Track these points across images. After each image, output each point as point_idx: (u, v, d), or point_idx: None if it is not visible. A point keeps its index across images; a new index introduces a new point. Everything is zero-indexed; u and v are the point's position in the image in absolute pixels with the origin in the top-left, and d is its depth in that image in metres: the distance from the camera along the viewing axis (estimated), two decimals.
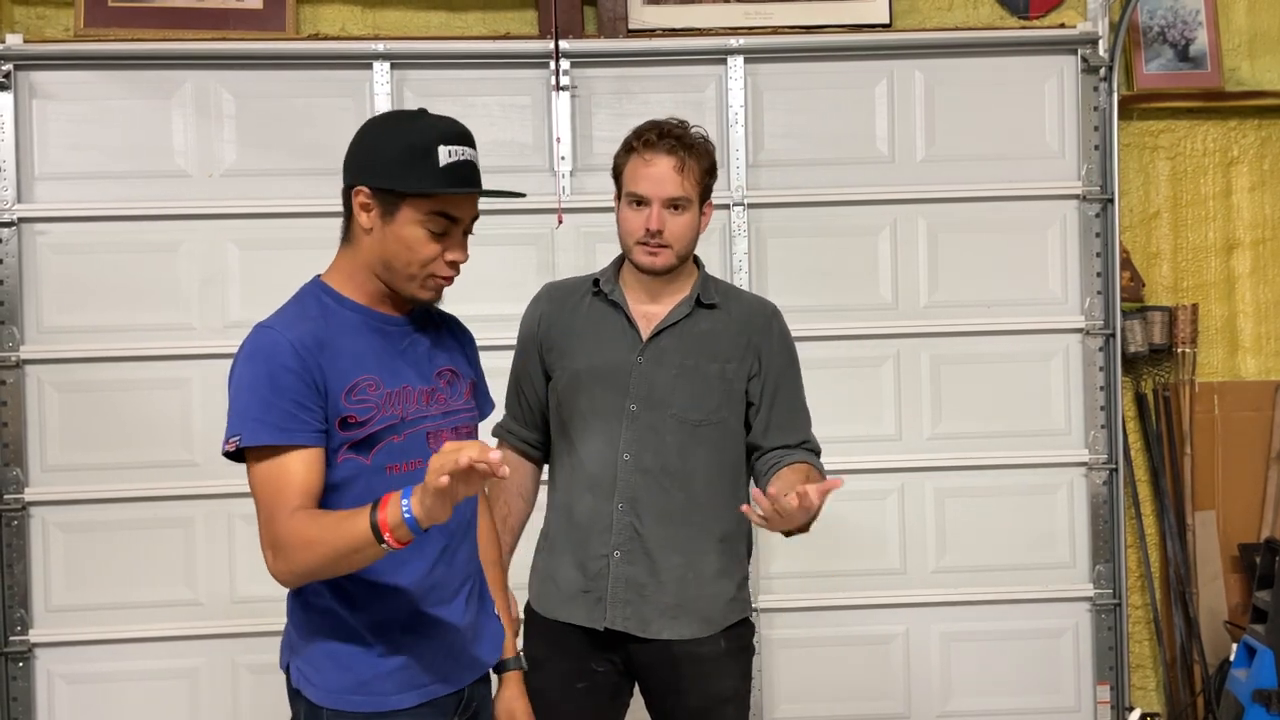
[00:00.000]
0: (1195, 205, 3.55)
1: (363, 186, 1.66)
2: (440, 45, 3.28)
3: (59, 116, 3.20)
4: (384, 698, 1.68)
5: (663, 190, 2.02)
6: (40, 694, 3.21)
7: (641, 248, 2.05)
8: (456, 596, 1.74)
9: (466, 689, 1.78)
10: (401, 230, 1.64)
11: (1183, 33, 3.49)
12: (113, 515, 3.21)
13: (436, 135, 1.65)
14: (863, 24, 3.34)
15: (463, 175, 1.66)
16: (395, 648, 1.68)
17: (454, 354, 1.83)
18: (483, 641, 1.82)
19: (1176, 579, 3.46)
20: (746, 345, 2.10)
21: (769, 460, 2.09)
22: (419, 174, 1.62)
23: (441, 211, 1.65)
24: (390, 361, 1.70)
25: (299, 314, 1.69)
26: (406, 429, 1.67)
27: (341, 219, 1.74)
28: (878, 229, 3.35)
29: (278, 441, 1.59)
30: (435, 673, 1.72)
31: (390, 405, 1.66)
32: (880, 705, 3.36)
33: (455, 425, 1.76)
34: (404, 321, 1.75)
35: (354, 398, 1.64)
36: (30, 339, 3.19)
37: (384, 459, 1.65)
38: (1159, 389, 3.51)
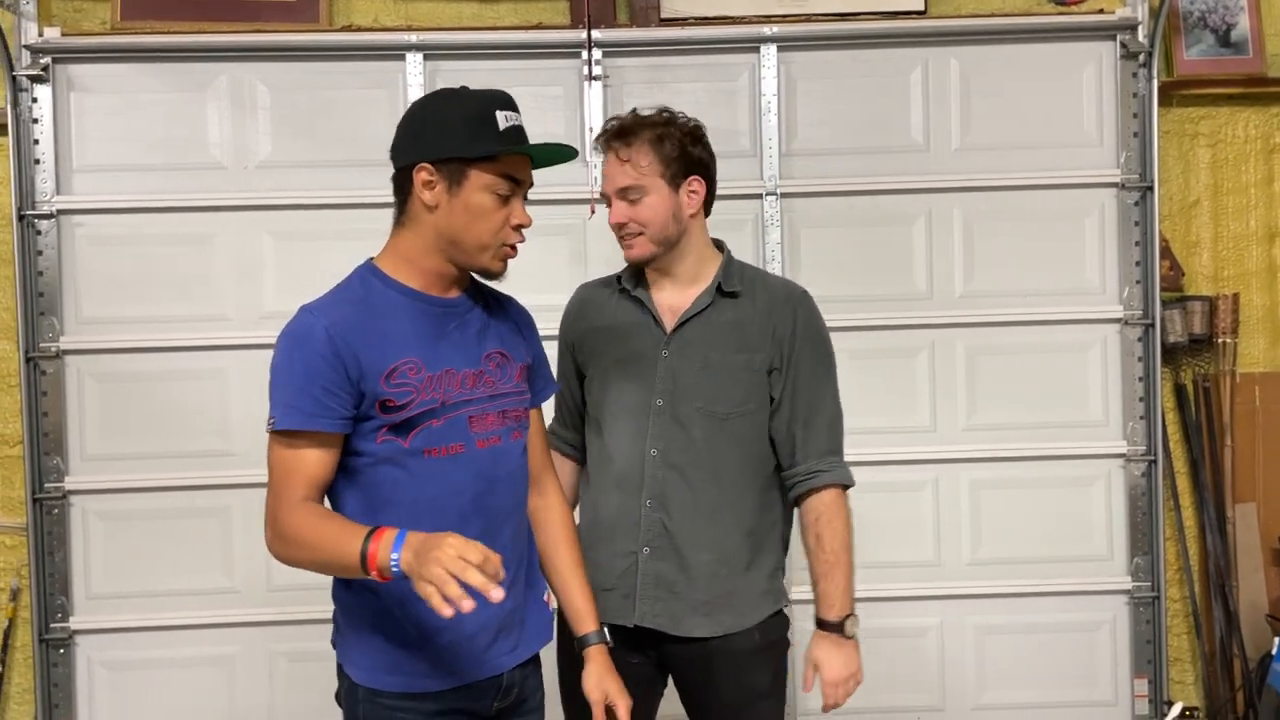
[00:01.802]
0: (1236, 193, 3.50)
1: (425, 163, 1.67)
2: (473, 36, 3.28)
3: (96, 109, 3.24)
4: (416, 679, 1.71)
5: (612, 184, 2.03)
6: (80, 680, 3.26)
7: (621, 243, 2.05)
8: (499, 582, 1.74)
9: (505, 674, 1.77)
10: (470, 198, 1.67)
11: (1224, 18, 3.43)
12: (151, 504, 3.25)
13: (491, 102, 1.68)
14: (897, 11, 3.30)
15: (520, 138, 1.70)
16: (427, 631, 1.69)
17: (507, 336, 1.82)
18: (525, 628, 1.81)
19: (1216, 572, 3.41)
20: (770, 336, 2.05)
21: (794, 490, 2.06)
22: (484, 139, 1.65)
23: (507, 174, 1.68)
24: (435, 344, 1.70)
25: (342, 297, 1.71)
26: (446, 413, 1.68)
27: (394, 205, 1.77)
28: (912, 218, 3.32)
29: (303, 427, 1.63)
30: (469, 657, 1.72)
31: (430, 389, 1.67)
32: (914, 697, 3.34)
33: (503, 409, 1.76)
34: (454, 303, 1.75)
35: (394, 381, 1.66)
36: (69, 330, 3.23)
37: (422, 442, 1.67)
38: (1199, 380, 3.46)
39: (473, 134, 1.65)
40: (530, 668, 1.85)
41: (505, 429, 1.76)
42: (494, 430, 1.74)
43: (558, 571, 1.91)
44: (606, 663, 1.88)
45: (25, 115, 3.20)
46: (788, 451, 2.06)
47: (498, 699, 1.77)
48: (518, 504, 1.81)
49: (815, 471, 2.04)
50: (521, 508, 1.83)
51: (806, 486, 2.04)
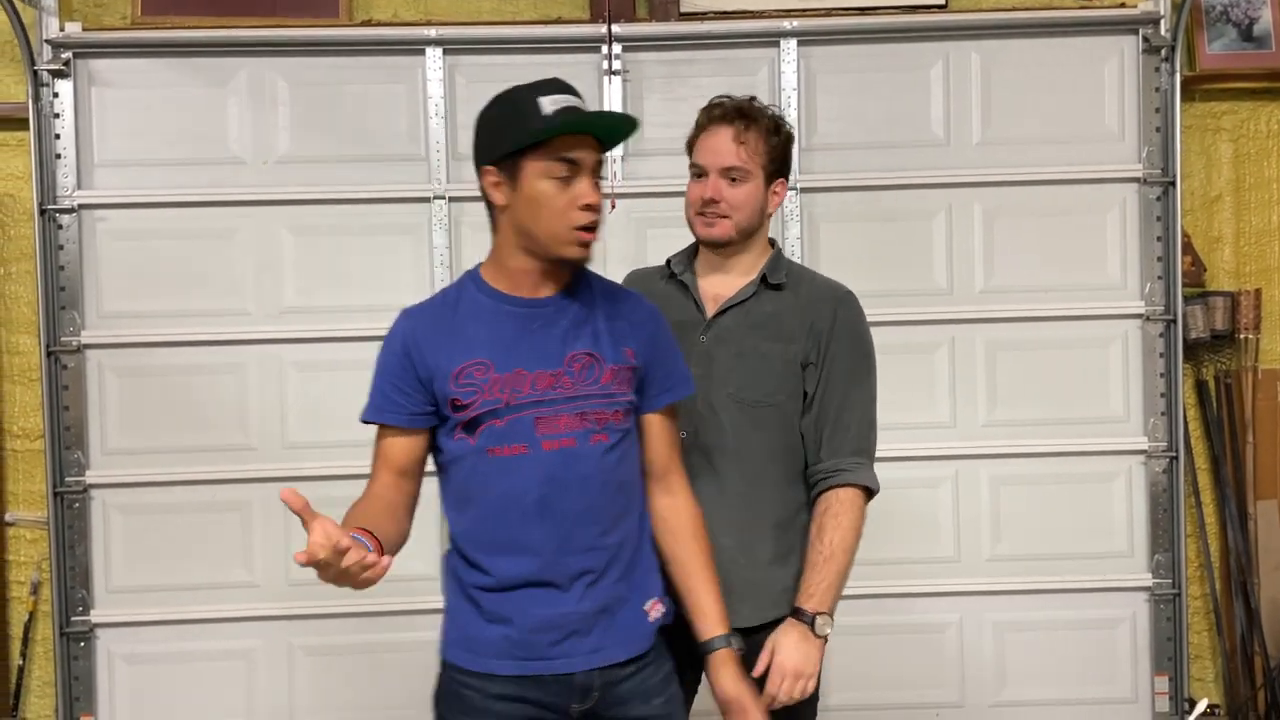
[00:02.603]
0: (1258, 188, 3.48)
1: (488, 166, 1.73)
2: (492, 30, 3.28)
3: (117, 104, 3.24)
4: (485, 659, 1.75)
5: (719, 160, 2.00)
6: (101, 673, 3.27)
7: (700, 218, 2.03)
8: (573, 584, 1.73)
9: (578, 675, 1.75)
10: (530, 189, 1.69)
11: (1246, 12, 3.41)
12: (171, 498, 3.26)
13: (534, 91, 1.70)
14: (918, 5, 3.29)
15: (569, 117, 1.69)
16: (497, 616, 1.73)
17: (604, 336, 1.77)
18: (609, 632, 1.77)
19: (1237, 569, 3.40)
20: (808, 330, 2.03)
21: (815, 487, 2.03)
22: (529, 126, 1.67)
23: (560, 156, 1.68)
24: (509, 345, 1.72)
25: (437, 300, 1.82)
26: (509, 414, 1.70)
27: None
28: (932, 213, 3.31)
29: (373, 420, 1.78)
30: (537, 650, 1.73)
31: (495, 389, 1.70)
32: (933, 694, 3.33)
33: (581, 411, 1.73)
34: (542, 303, 1.75)
35: (461, 381, 1.71)
36: (90, 324, 3.24)
37: (485, 442, 1.71)
38: (1220, 376, 3.45)
39: (517, 125, 1.68)
40: (628, 674, 1.78)
41: (583, 431, 1.73)
42: (567, 432, 1.72)
43: (685, 572, 1.85)
44: (736, 670, 1.83)
45: (46, 110, 3.21)
46: (815, 448, 2.03)
47: (576, 700, 1.75)
48: (598, 508, 1.75)
49: (839, 469, 2.00)
50: (608, 512, 1.76)
51: (828, 483, 2.00)
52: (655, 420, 1.85)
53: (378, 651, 3.28)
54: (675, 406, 1.89)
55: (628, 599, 1.79)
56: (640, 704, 1.80)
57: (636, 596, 1.80)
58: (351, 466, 3.22)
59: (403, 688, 3.28)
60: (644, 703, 1.80)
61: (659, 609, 1.83)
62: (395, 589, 3.22)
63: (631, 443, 1.81)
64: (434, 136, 3.25)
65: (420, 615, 3.25)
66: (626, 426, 1.79)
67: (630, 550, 1.80)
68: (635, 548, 1.81)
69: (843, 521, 1.97)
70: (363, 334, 3.24)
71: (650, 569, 1.84)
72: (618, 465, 1.77)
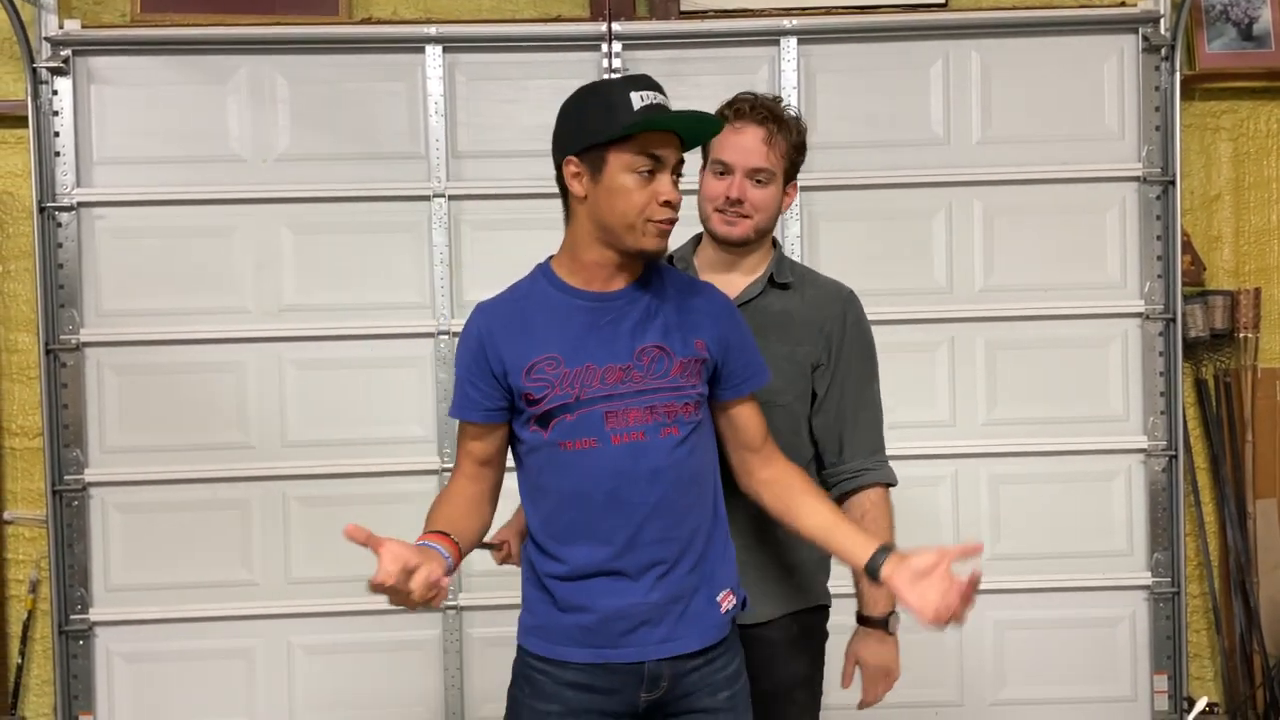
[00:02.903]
0: (1258, 187, 3.48)
1: (571, 156, 1.73)
2: (492, 29, 3.27)
3: (116, 101, 3.24)
4: (558, 646, 1.78)
5: (748, 160, 1.99)
6: (100, 672, 3.26)
7: (720, 216, 2.02)
8: (644, 575, 1.74)
9: (648, 665, 1.76)
10: (613, 182, 1.70)
11: (1246, 11, 3.41)
12: (170, 496, 3.25)
13: (627, 85, 1.72)
14: (918, 3, 3.30)
15: (656, 114, 1.70)
16: (570, 605, 1.76)
17: (674, 329, 1.78)
18: (683, 624, 1.77)
19: (1236, 568, 3.40)
20: (818, 331, 2.04)
21: (838, 486, 2.05)
22: (617, 120, 1.68)
23: (646, 151, 1.69)
24: (579, 340, 1.74)
25: (508, 294, 1.83)
26: (580, 408, 1.72)
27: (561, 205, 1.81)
28: (932, 212, 3.31)
29: (455, 416, 1.83)
30: (608, 639, 1.75)
31: (566, 384, 1.73)
32: (933, 692, 3.33)
33: (651, 404, 1.74)
34: (613, 296, 1.76)
35: (533, 376, 1.73)
36: (89, 322, 3.23)
37: (558, 435, 1.74)
38: (1220, 375, 3.45)
39: (607, 117, 1.68)
40: (697, 665, 1.79)
41: (653, 425, 1.74)
42: (636, 426, 1.73)
43: (814, 519, 1.82)
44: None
45: (45, 107, 3.21)
46: (834, 449, 2.05)
47: (644, 689, 1.77)
48: (669, 501, 1.75)
49: (863, 469, 2.05)
50: (678, 503, 1.77)
51: (855, 484, 2.04)
52: (743, 407, 1.86)
53: (377, 650, 3.28)
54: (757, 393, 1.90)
55: (699, 590, 1.80)
56: (707, 695, 1.81)
57: (708, 587, 1.81)
58: (351, 465, 3.25)
59: (402, 686, 3.28)
60: (711, 695, 1.81)
61: (731, 600, 1.84)
62: None
63: (703, 435, 1.82)
64: (434, 134, 3.25)
65: (420, 614, 3.25)
66: (697, 419, 1.79)
67: (703, 541, 1.80)
68: (707, 539, 1.81)
69: (882, 522, 2.04)
70: (362, 332, 3.25)
71: (722, 560, 1.84)
72: (688, 458, 1.78)
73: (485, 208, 3.26)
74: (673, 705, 1.80)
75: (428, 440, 3.26)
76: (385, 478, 3.24)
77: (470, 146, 3.28)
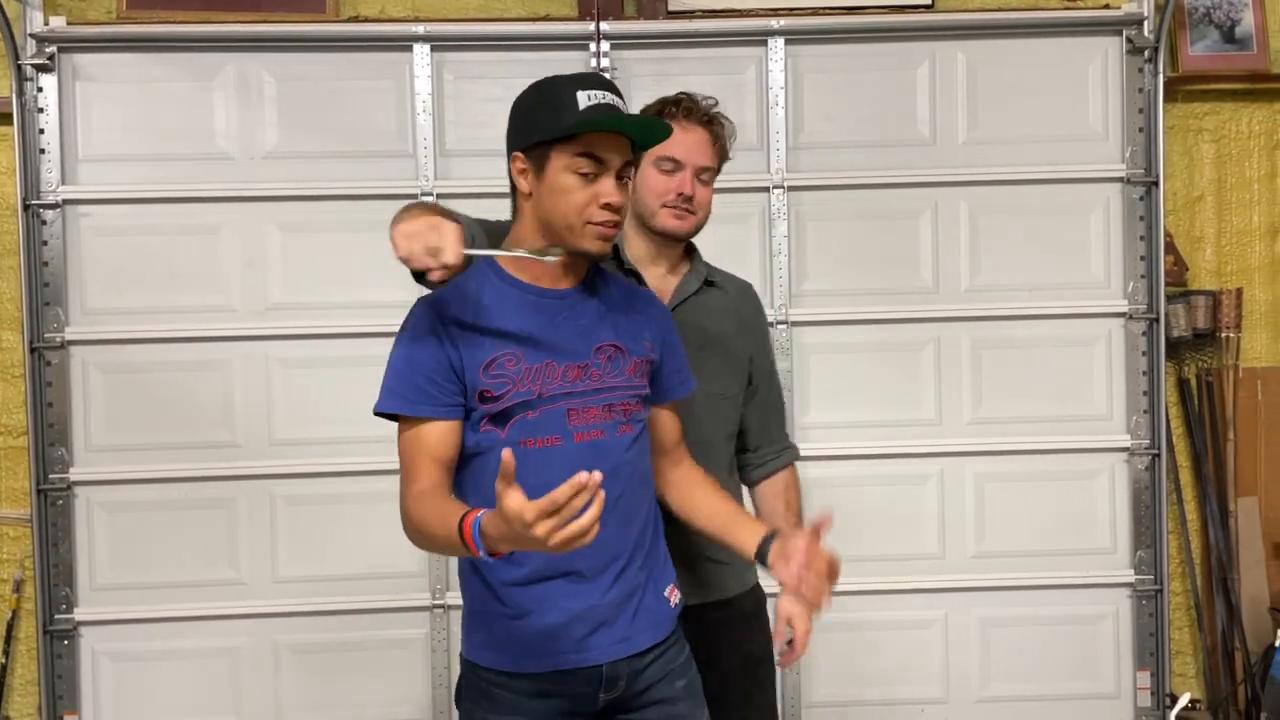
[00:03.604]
0: (1240, 189, 3.51)
1: (517, 153, 1.72)
2: (480, 27, 3.27)
3: (102, 99, 3.22)
4: (516, 659, 1.73)
5: (698, 159, 2.04)
6: (84, 672, 3.25)
7: (670, 211, 2.04)
8: (601, 574, 1.73)
9: (605, 666, 1.74)
10: (554, 180, 1.68)
11: (1229, 14, 3.44)
12: (156, 495, 3.24)
13: (575, 84, 1.69)
14: (905, 4, 3.31)
15: (602, 114, 1.67)
16: (526, 612, 1.71)
17: (624, 329, 1.79)
18: (635, 621, 1.77)
19: (1218, 565, 3.43)
20: (746, 325, 2.18)
21: (767, 465, 2.21)
22: (561, 120, 1.66)
23: (586, 153, 1.67)
24: (538, 336, 1.71)
25: (457, 290, 1.74)
26: (542, 405, 1.69)
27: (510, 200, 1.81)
28: (919, 212, 3.32)
29: (403, 412, 1.69)
30: (564, 645, 1.72)
31: (527, 381, 1.69)
32: (918, 690, 3.35)
33: (609, 403, 1.73)
34: (568, 294, 1.76)
35: (491, 372, 1.68)
36: (75, 320, 3.22)
37: (517, 434, 1.68)
38: (1202, 374, 3.48)
39: (552, 116, 1.67)
40: (651, 659, 1.80)
41: (610, 423, 1.74)
42: (596, 424, 1.72)
43: (711, 509, 1.89)
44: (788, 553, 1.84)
45: (31, 104, 3.19)
46: (763, 433, 2.20)
47: (603, 690, 1.76)
48: (624, 497, 1.75)
49: (784, 448, 2.24)
50: (632, 501, 1.78)
51: (781, 462, 2.21)
52: (667, 416, 1.90)
53: (364, 649, 3.27)
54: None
55: (648, 586, 1.81)
56: (665, 686, 1.82)
57: (655, 583, 1.82)
58: (337, 464, 3.25)
59: (389, 685, 3.27)
60: (668, 685, 1.82)
61: (676, 594, 1.86)
62: (380, 586, 3.25)
63: (646, 434, 1.84)
64: (421, 133, 3.24)
65: (406, 613, 3.26)
66: (644, 417, 1.82)
67: (649, 539, 1.82)
68: (653, 536, 1.83)
69: (798, 492, 2.24)
70: (349, 331, 3.24)
71: (665, 555, 1.87)
72: (640, 456, 1.80)
73: (472, 206, 3.20)
74: (631, 701, 1.80)
75: None
76: (372, 477, 3.23)
77: (458, 145, 3.27)
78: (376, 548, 3.22)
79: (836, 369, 3.29)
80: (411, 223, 1.62)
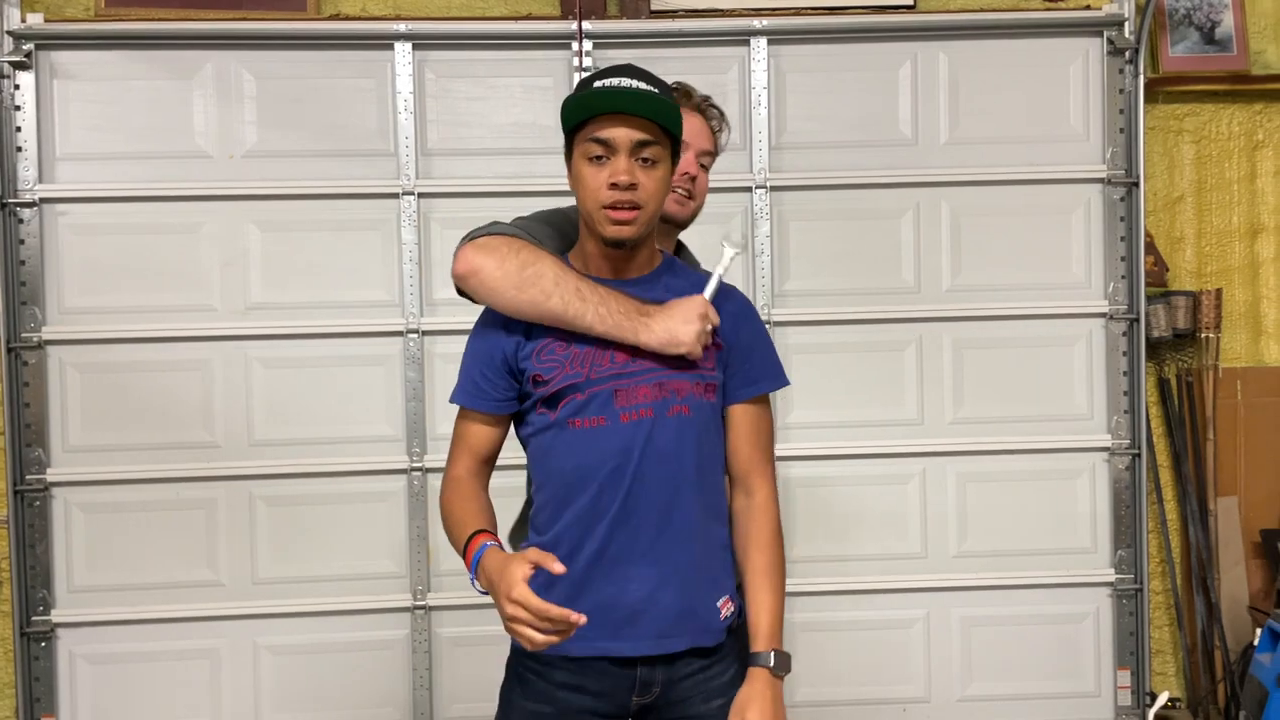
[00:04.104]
0: (1220, 189, 3.53)
1: (566, 149, 1.75)
2: (462, 26, 3.26)
3: (80, 97, 3.20)
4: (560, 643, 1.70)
5: (700, 142, 2.01)
6: (62, 674, 3.22)
7: (670, 194, 1.99)
8: (642, 560, 1.70)
9: (642, 669, 1.73)
10: (577, 172, 1.71)
11: (1209, 15, 3.46)
12: (134, 496, 3.21)
13: (599, 75, 1.72)
14: (887, 5, 3.32)
15: (609, 100, 1.67)
16: (568, 600, 1.65)
17: None
18: (677, 621, 1.73)
19: (1198, 564, 3.44)
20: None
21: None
22: (574, 111, 1.70)
23: (593, 137, 1.68)
24: None
25: None
26: (590, 387, 1.70)
27: None
28: (900, 212, 3.33)
29: (462, 404, 1.80)
30: (604, 630, 1.69)
31: (574, 364, 1.71)
32: (900, 689, 3.36)
33: (660, 381, 1.70)
34: (625, 284, 1.75)
35: (543, 357, 1.73)
36: (52, 320, 3.19)
37: (567, 414, 1.71)
38: (1182, 374, 3.50)
39: (570, 109, 1.70)
40: (691, 671, 1.75)
41: (661, 402, 1.70)
42: (645, 403, 1.69)
43: (747, 581, 1.78)
44: (764, 689, 1.71)
45: (8, 102, 3.16)
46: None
47: (635, 693, 1.74)
48: (672, 483, 1.71)
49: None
50: (682, 488, 1.72)
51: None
52: (739, 414, 1.79)
53: (345, 650, 3.25)
54: (767, 406, 1.83)
55: (699, 588, 1.74)
56: (700, 703, 1.76)
57: (708, 589, 1.75)
58: (318, 464, 3.23)
59: (370, 686, 3.26)
60: (704, 702, 1.76)
61: (730, 607, 1.78)
62: (360, 587, 3.24)
63: (719, 423, 1.78)
64: (403, 132, 3.23)
65: (385, 614, 3.24)
66: (710, 402, 1.75)
67: (704, 537, 1.75)
68: (709, 537, 1.76)
69: None
70: (330, 330, 3.23)
71: (725, 564, 1.79)
72: (698, 441, 1.73)
73: (454, 205, 3.25)
74: (665, 710, 1.76)
75: (396, 439, 3.24)
76: (353, 477, 3.22)
77: (440, 144, 3.26)
78: (357, 549, 3.21)
79: (819, 369, 3.29)
80: (667, 320, 1.68)
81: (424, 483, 3.20)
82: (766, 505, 1.80)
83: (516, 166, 3.25)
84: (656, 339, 1.67)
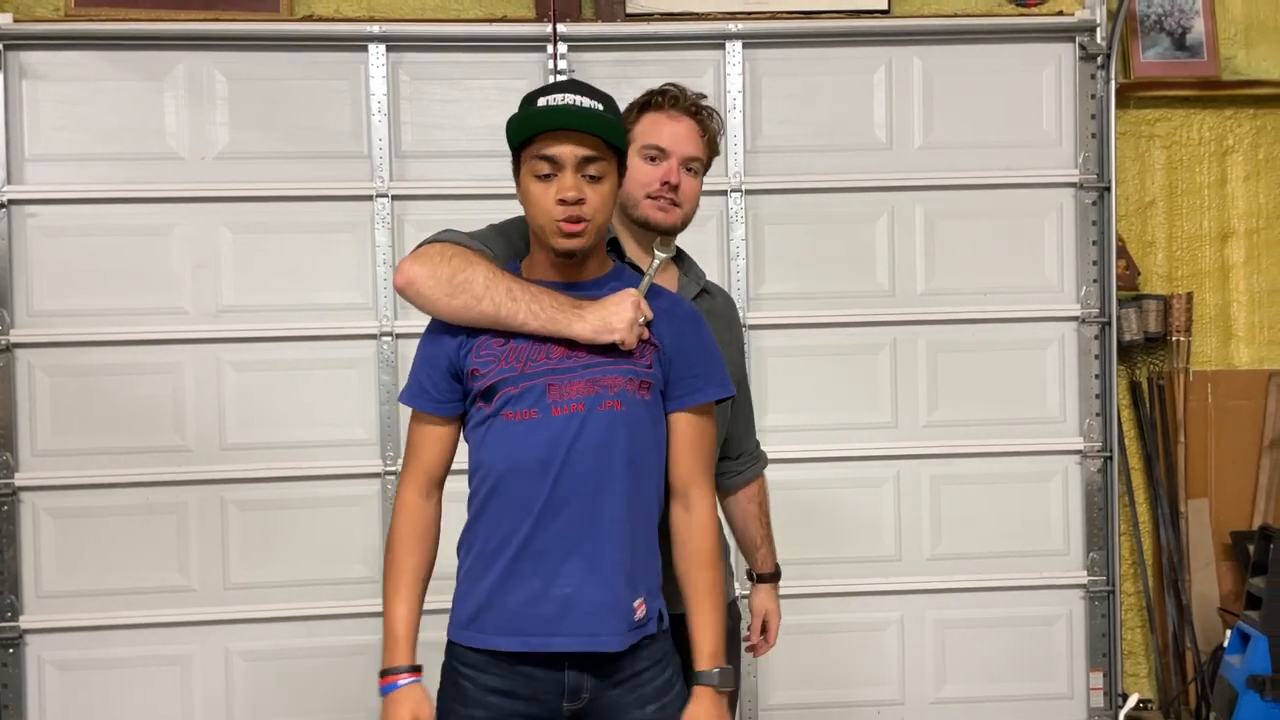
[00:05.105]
0: (1190, 194, 3.56)
1: (514, 162, 1.75)
2: (436, 28, 3.25)
3: (50, 97, 3.17)
4: (490, 636, 1.73)
5: (685, 148, 1.97)
6: (30, 680, 3.19)
7: (653, 202, 1.96)
8: (563, 562, 1.69)
9: (570, 674, 1.72)
10: (525, 188, 1.72)
11: (1180, 21, 3.49)
12: (104, 501, 3.18)
13: (542, 91, 1.73)
14: (861, 10, 3.33)
15: (553, 118, 1.68)
16: (498, 591, 1.72)
17: None
18: (604, 619, 1.71)
19: (1169, 566, 3.47)
20: (735, 335, 2.15)
21: (743, 475, 2.20)
22: (520, 128, 1.70)
23: (539, 155, 1.68)
24: None
25: None
26: (524, 381, 1.71)
27: None
28: (875, 216, 3.34)
29: (406, 402, 1.81)
30: (539, 627, 1.70)
31: (509, 359, 1.72)
32: (874, 691, 3.36)
33: (594, 376, 1.70)
34: (570, 287, 1.75)
35: (481, 353, 1.74)
36: (20, 322, 3.16)
37: (500, 406, 1.72)
38: (1153, 377, 3.52)
39: (515, 126, 1.71)
40: (622, 679, 1.74)
41: (593, 397, 1.69)
42: (577, 398, 1.69)
43: (686, 599, 1.78)
44: (712, 708, 1.73)
45: None
46: (744, 440, 2.18)
47: (566, 699, 1.73)
48: (601, 477, 1.70)
49: (759, 457, 2.23)
50: (614, 483, 1.71)
51: (759, 469, 2.23)
52: (681, 422, 1.78)
53: (315, 656, 3.23)
54: (710, 417, 1.81)
55: (625, 586, 1.73)
56: (634, 708, 1.75)
57: (630, 587, 1.74)
58: (291, 468, 3.21)
59: (343, 692, 3.23)
60: (638, 707, 1.75)
61: (644, 609, 1.75)
62: (333, 592, 3.22)
63: (650, 426, 1.75)
64: (377, 134, 3.21)
65: (358, 619, 3.22)
66: (645, 400, 1.73)
67: (628, 535, 1.73)
68: (634, 535, 1.74)
69: (768, 497, 2.28)
70: (302, 333, 3.21)
71: (652, 566, 1.78)
72: (629, 437, 1.71)
73: (429, 208, 3.23)
74: (597, 716, 1.75)
75: (370, 443, 3.22)
76: (326, 481, 3.20)
77: (414, 146, 3.25)
78: (329, 553, 3.19)
79: (794, 372, 3.29)
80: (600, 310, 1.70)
81: (397, 487, 3.17)
82: (705, 522, 1.79)
83: (490, 169, 3.23)
84: (590, 327, 1.69)
